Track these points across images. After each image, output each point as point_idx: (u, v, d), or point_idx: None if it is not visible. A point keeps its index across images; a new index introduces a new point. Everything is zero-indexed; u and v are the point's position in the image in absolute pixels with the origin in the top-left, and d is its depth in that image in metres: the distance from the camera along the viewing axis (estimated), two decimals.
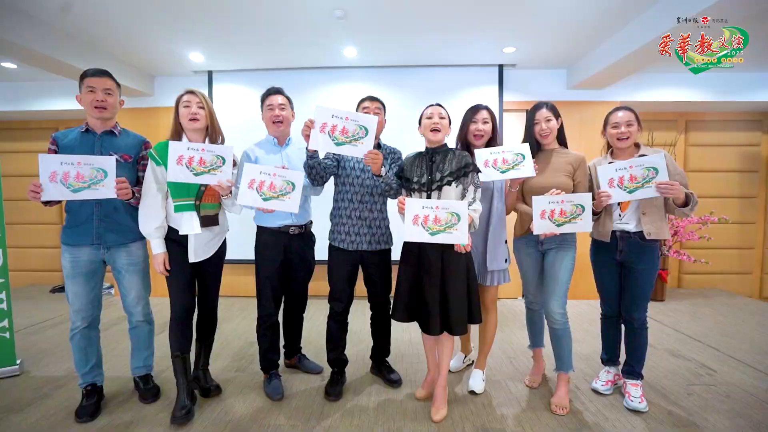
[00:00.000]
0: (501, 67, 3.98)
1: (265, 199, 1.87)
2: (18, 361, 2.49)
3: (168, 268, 1.93)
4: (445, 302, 1.90)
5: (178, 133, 1.98)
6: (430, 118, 1.95)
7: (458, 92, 3.97)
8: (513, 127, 4.13)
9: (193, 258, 1.95)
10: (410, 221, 1.78)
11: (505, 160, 1.99)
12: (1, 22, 2.69)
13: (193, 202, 1.92)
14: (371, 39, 3.33)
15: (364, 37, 3.27)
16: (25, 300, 4.21)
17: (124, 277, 2.01)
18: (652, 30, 2.80)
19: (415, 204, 1.79)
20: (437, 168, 1.94)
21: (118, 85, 1.96)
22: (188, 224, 1.91)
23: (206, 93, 4.08)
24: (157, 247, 1.91)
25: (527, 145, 2.00)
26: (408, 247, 2.00)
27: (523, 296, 2.40)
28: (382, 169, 1.95)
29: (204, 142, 1.98)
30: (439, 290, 1.91)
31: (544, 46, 3.51)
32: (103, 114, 1.89)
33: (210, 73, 4.06)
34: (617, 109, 2.09)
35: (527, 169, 1.97)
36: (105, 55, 3.54)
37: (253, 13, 2.86)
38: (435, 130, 1.93)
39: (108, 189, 1.76)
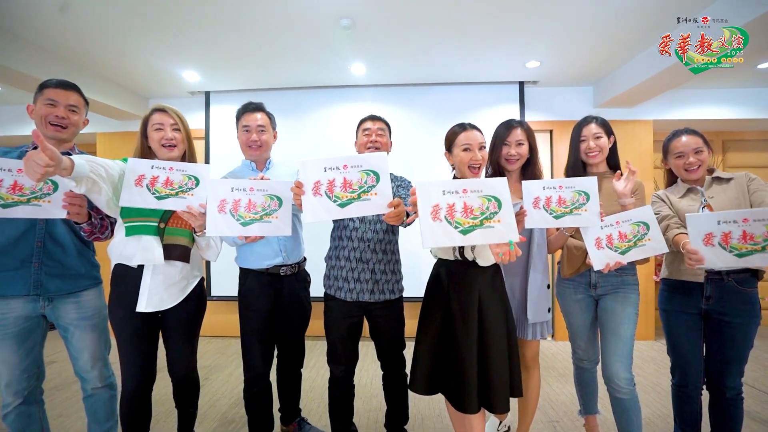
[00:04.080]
0: (522, 84, 3.67)
1: (244, 224, 1.41)
2: None
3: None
4: (483, 367, 1.45)
5: None
6: (468, 149, 1.53)
7: (476, 112, 3.64)
8: None
9: (144, 306, 1.47)
10: (428, 217, 1.21)
11: (561, 200, 1.48)
12: None
13: (156, 224, 1.48)
14: (381, 52, 3.02)
15: (373, 49, 2.97)
16: None
17: (73, 336, 1.57)
18: None
19: (433, 190, 1.23)
20: None
21: (87, 102, 1.62)
22: (144, 252, 1.45)
23: (204, 114, 3.81)
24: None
25: (594, 179, 1.48)
26: (432, 289, 1.60)
27: (571, 349, 1.94)
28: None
29: None
30: (477, 349, 1.46)
31: (570, 59, 3.20)
32: (59, 134, 1.51)
33: (207, 94, 3.77)
34: (678, 133, 1.74)
35: (590, 215, 1.46)
36: (94, 75, 3.27)
37: (250, 25, 2.57)
38: (475, 168, 1.54)
39: (54, 206, 1.36)
